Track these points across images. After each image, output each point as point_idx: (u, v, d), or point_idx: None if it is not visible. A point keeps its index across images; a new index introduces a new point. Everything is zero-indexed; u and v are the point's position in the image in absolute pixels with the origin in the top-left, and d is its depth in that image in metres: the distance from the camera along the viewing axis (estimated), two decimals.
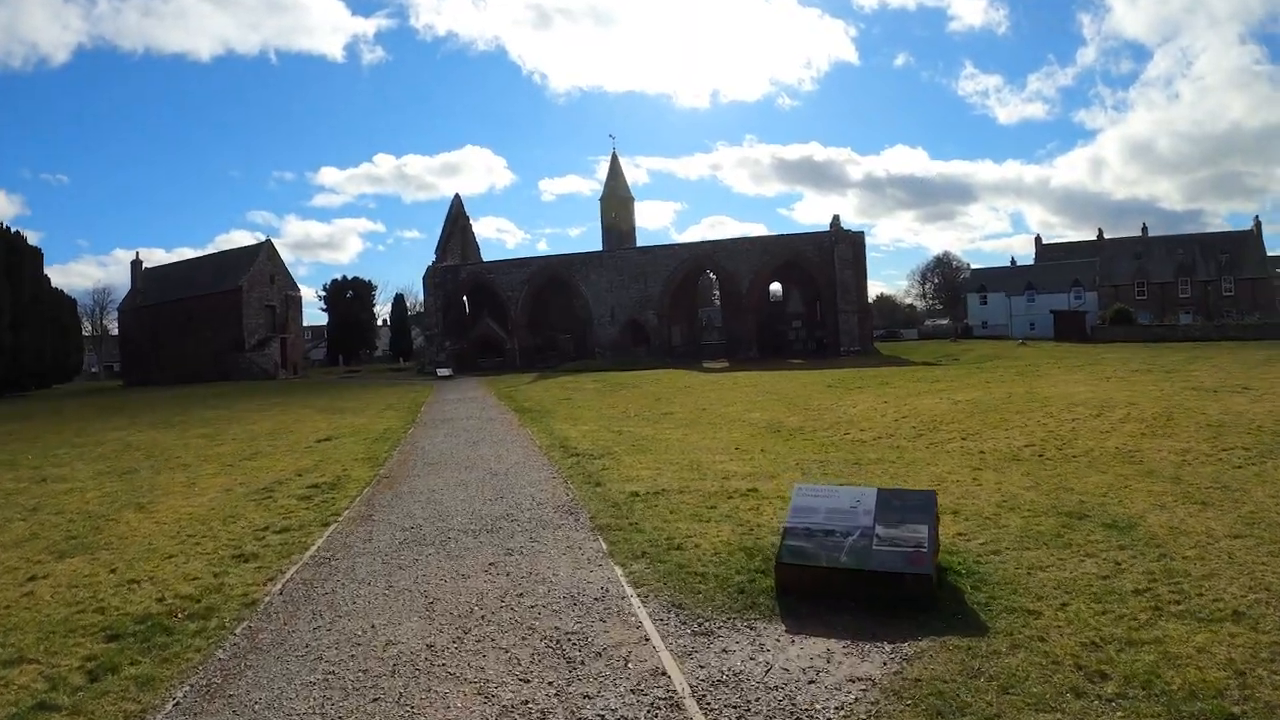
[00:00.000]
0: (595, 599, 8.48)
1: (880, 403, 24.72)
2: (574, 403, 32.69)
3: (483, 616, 8.14)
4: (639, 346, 67.49)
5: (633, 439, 20.26)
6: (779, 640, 7.23)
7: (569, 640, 7.37)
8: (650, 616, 7.89)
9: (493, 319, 73.76)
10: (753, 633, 7.41)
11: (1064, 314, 65.65)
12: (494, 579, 9.32)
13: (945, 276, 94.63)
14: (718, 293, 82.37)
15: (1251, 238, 68.10)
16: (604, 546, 10.43)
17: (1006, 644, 6.80)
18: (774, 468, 15.00)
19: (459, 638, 7.59)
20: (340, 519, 12.75)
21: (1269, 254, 68.50)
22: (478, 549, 10.61)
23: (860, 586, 7.74)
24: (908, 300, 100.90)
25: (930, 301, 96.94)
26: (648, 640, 7.32)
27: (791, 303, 73.28)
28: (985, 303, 76.09)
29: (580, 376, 49.40)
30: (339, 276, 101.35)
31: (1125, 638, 6.73)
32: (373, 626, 8.03)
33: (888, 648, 6.90)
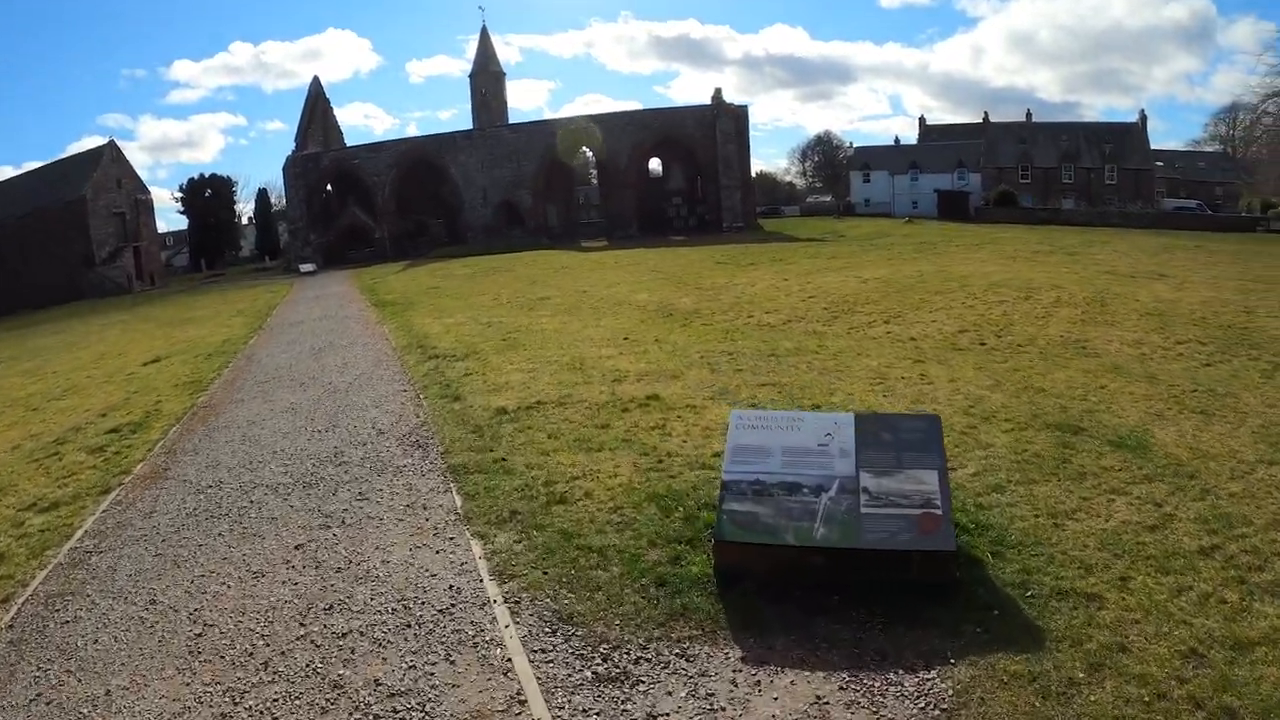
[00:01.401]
0: (441, 611, 5.50)
1: (780, 280, 22.44)
2: (441, 291, 28.94)
3: (265, 663, 5.07)
4: (513, 228, 64.34)
5: (503, 332, 16.93)
6: (735, 681, 4.53)
7: (394, 717, 4.42)
8: (525, 646, 5.00)
9: (360, 208, 68.89)
10: (690, 668, 4.68)
11: (948, 194, 65.70)
12: (297, 578, 6.19)
13: (826, 155, 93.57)
14: (595, 171, 78.64)
15: (1136, 130, 69.94)
16: (458, 503, 7.36)
17: (1082, 663, 4.39)
18: (674, 363, 12.18)
19: (224, 715, 4.56)
20: (128, 479, 9.10)
21: (1152, 148, 70.72)
22: (285, 519, 7.37)
23: (847, 571, 5.09)
24: (788, 178, 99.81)
25: (811, 179, 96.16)
26: (524, 703, 4.44)
27: (672, 179, 70.74)
28: (868, 181, 75.53)
29: (451, 263, 45.85)
30: (196, 175, 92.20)
31: (1228, 637, 4.52)
32: (107, 693, 4.92)
33: (911, 685, 4.35)
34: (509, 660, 4.90)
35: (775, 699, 4.39)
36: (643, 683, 4.61)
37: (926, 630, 4.82)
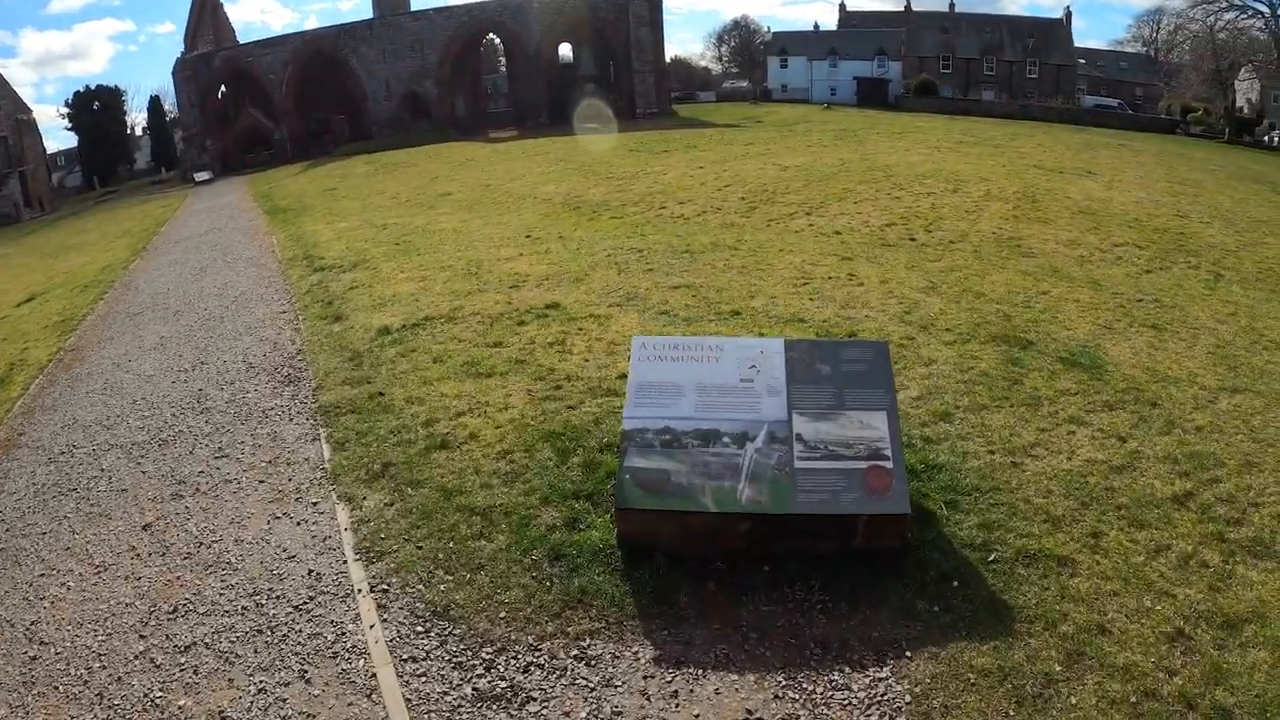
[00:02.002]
0: (297, 609, 4.41)
1: (695, 169, 20.96)
2: (338, 193, 26.38)
3: (100, 695, 3.97)
4: (420, 121, 60.37)
5: (398, 235, 15.12)
6: (646, 693, 3.58)
7: None
8: (394, 654, 3.97)
9: (258, 109, 63.21)
10: (592, 676, 3.70)
11: (868, 81, 63.67)
12: (142, 569, 4.98)
13: (743, 40, 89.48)
14: (504, 59, 74.21)
15: (1060, 26, 68.79)
16: (325, 455, 6.08)
17: (1058, 652, 3.61)
18: (579, 264, 10.82)
19: None
20: None
21: (1075, 45, 70.00)
22: (136, 489, 6.01)
23: (779, 541, 4.10)
24: (704, 63, 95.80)
25: (727, 65, 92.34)
26: None
27: (583, 65, 66.87)
28: (785, 66, 72.72)
29: (353, 160, 42.58)
30: (81, 88, 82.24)
31: (1214, 613, 3.85)
32: None
33: (860, 688, 3.49)
34: (374, 676, 3.85)
35: (696, 716, 3.45)
36: (533, 700, 3.61)
37: (875, 610, 3.93)
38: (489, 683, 3.76)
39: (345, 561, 4.80)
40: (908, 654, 3.65)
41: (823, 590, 4.08)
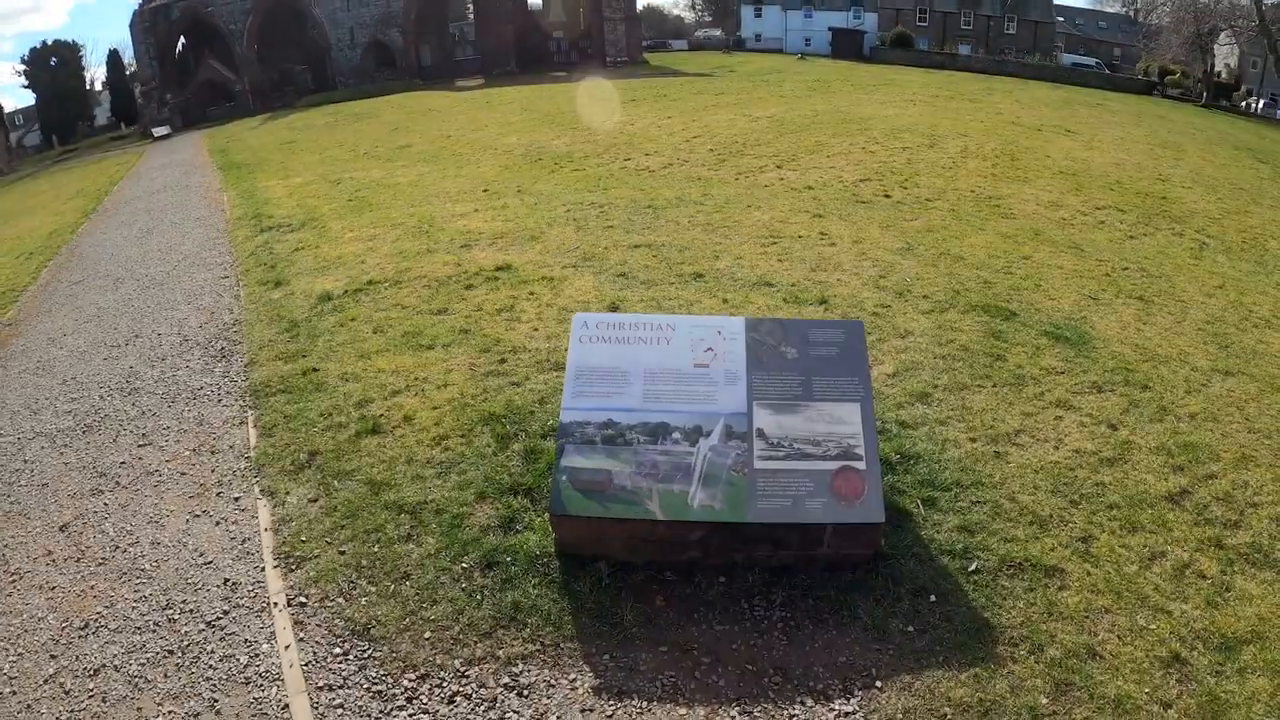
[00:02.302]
0: (210, 624, 3.89)
1: (663, 119, 20.06)
2: (296, 147, 25.09)
3: None
4: (384, 70, 58.22)
5: (352, 191, 14.23)
6: None
7: None
8: (309, 680, 3.48)
9: (218, 60, 60.68)
10: (525, 709, 3.21)
11: (842, 32, 61.77)
12: (56, 577, 4.39)
13: None
14: (471, 6, 71.74)
15: None
16: (252, 441, 5.48)
17: (1045, 681, 3.16)
18: (535, 220, 10.11)
19: None
20: None
21: (1054, 2, 68.66)
22: (58, 484, 5.34)
23: (736, 549, 3.60)
24: (676, 11, 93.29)
25: (700, 13, 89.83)
26: None
27: (553, 11, 64.72)
28: (760, 16, 70.65)
29: (314, 112, 40.80)
30: (38, 43, 78.15)
31: (1212, 632, 3.43)
32: None
33: None
34: (286, 708, 3.32)
35: None
36: None
37: (843, 630, 3.45)
38: (410, 716, 3.27)
39: (263, 568, 4.27)
40: (878, 684, 3.18)
41: (785, 606, 3.59)
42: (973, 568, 3.75)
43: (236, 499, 4.92)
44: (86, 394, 6.75)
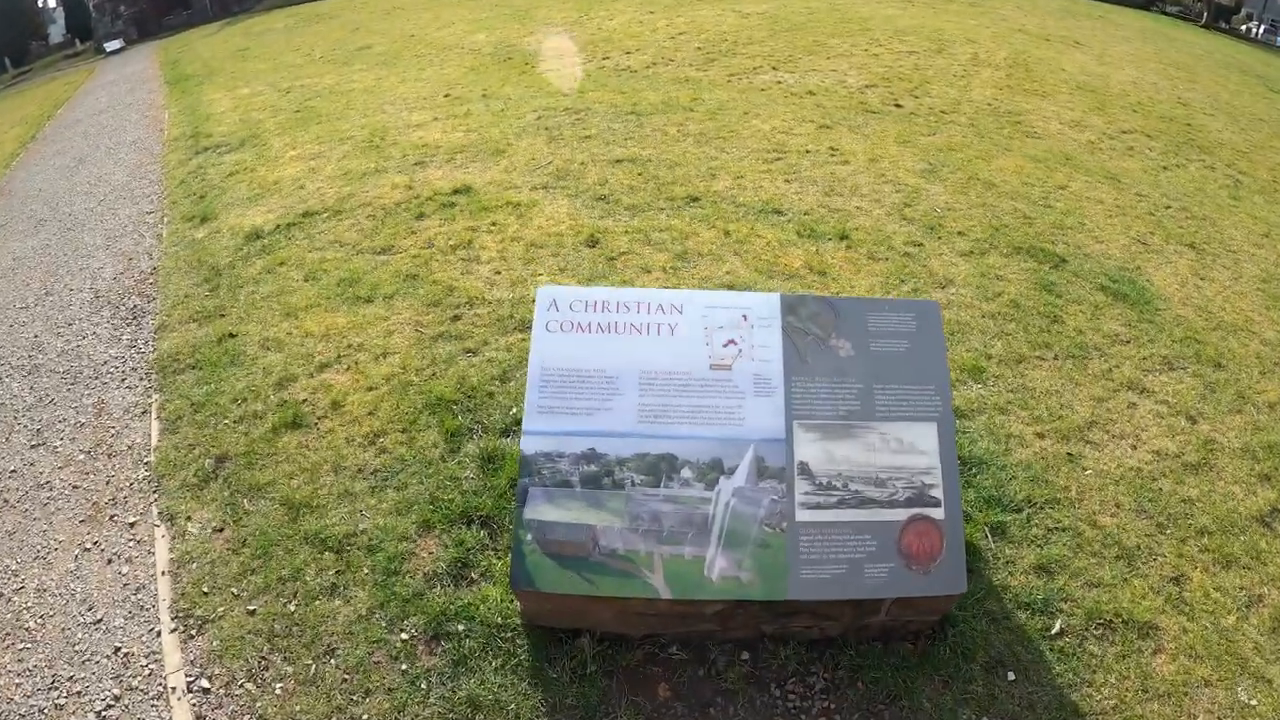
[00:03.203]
0: (100, 716, 2.83)
1: (645, 13, 17.93)
2: (250, 54, 22.37)
3: None
4: None
5: (301, 100, 12.37)
6: None
7: None
8: None
9: None
10: None
11: None
12: None
13: None
14: None
15: None
16: (153, 439, 4.25)
17: None
18: (501, 130, 8.55)
19: None
20: None
21: None
22: None
23: (761, 623, 2.57)
24: None
25: None
26: None
27: None
28: None
29: (276, 14, 37.02)
30: None
31: None
32: None
33: None
34: None
35: None
36: None
37: None
38: None
39: (159, 633, 3.19)
40: None
41: (827, 694, 2.59)
42: (1055, 629, 2.78)
43: (131, 525, 3.76)
44: None
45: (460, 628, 2.94)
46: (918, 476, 2.49)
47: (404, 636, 2.98)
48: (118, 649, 3.16)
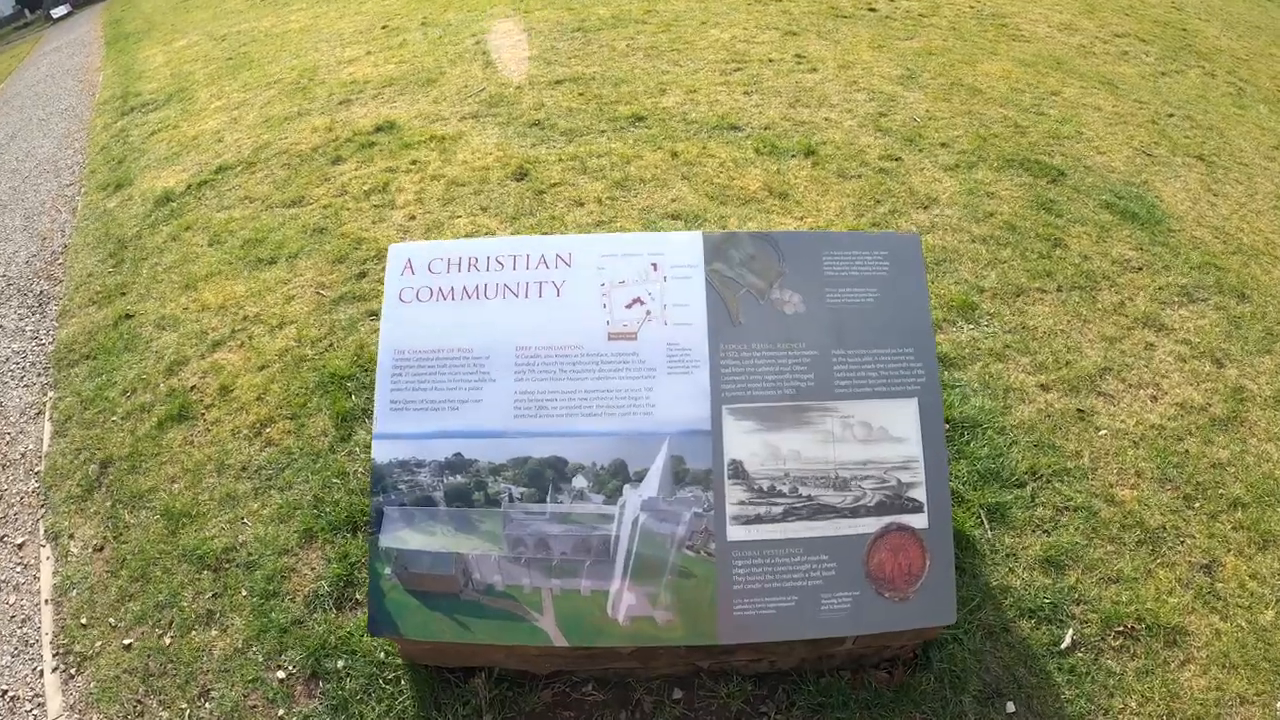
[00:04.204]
0: None
1: None
2: (192, 3, 20.95)
3: None
4: None
5: (235, 47, 11.24)
6: None
7: None
8: None
9: None
10: None
11: None
12: None
13: None
14: None
15: None
16: (45, 444, 3.60)
17: None
18: (436, 58, 7.50)
19: None
20: None
21: None
22: None
23: (694, 658, 1.92)
24: None
25: None
26: None
27: None
28: None
29: None
30: None
31: None
32: None
33: None
34: None
35: None
36: None
37: None
38: None
39: (42, 672, 2.63)
40: None
41: None
42: (1066, 642, 2.15)
43: (20, 546, 3.15)
44: None
45: (340, 664, 2.34)
46: (893, 473, 1.80)
47: (281, 675, 2.39)
48: (4, 691, 2.62)
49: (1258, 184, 5.05)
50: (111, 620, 2.74)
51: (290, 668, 2.41)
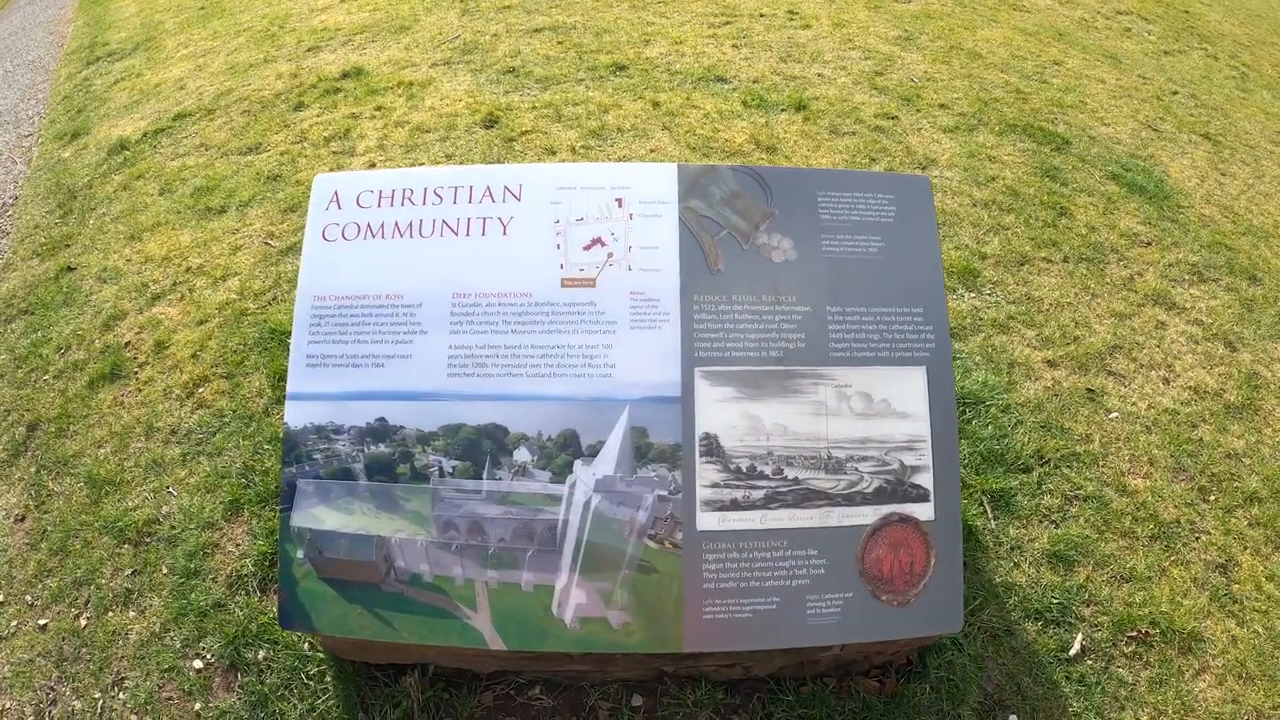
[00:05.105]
0: None
1: None
2: None
3: None
4: None
5: None
6: None
7: None
8: None
9: None
10: None
11: None
12: None
13: None
14: None
15: None
16: None
17: None
18: (410, 6, 6.87)
19: None
20: None
21: None
22: None
23: (656, 662, 1.62)
24: None
25: None
26: None
27: None
28: None
29: None
30: None
31: None
32: None
33: None
34: None
35: None
36: None
37: None
38: None
39: None
40: None
41: None
42: (1075, 648, 1.86)
43: None
44: None
45: (261, 655, 2.02)
46: (895, 453, 1.49)
47: (198, 665, 2.07)
48: None
49: (1265, 166, 4.74)
50: (28, 597, 2.40)
51: (208, 656, 2.09)
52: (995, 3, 7.45)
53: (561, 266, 1.55)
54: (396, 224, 1.64)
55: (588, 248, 1.55)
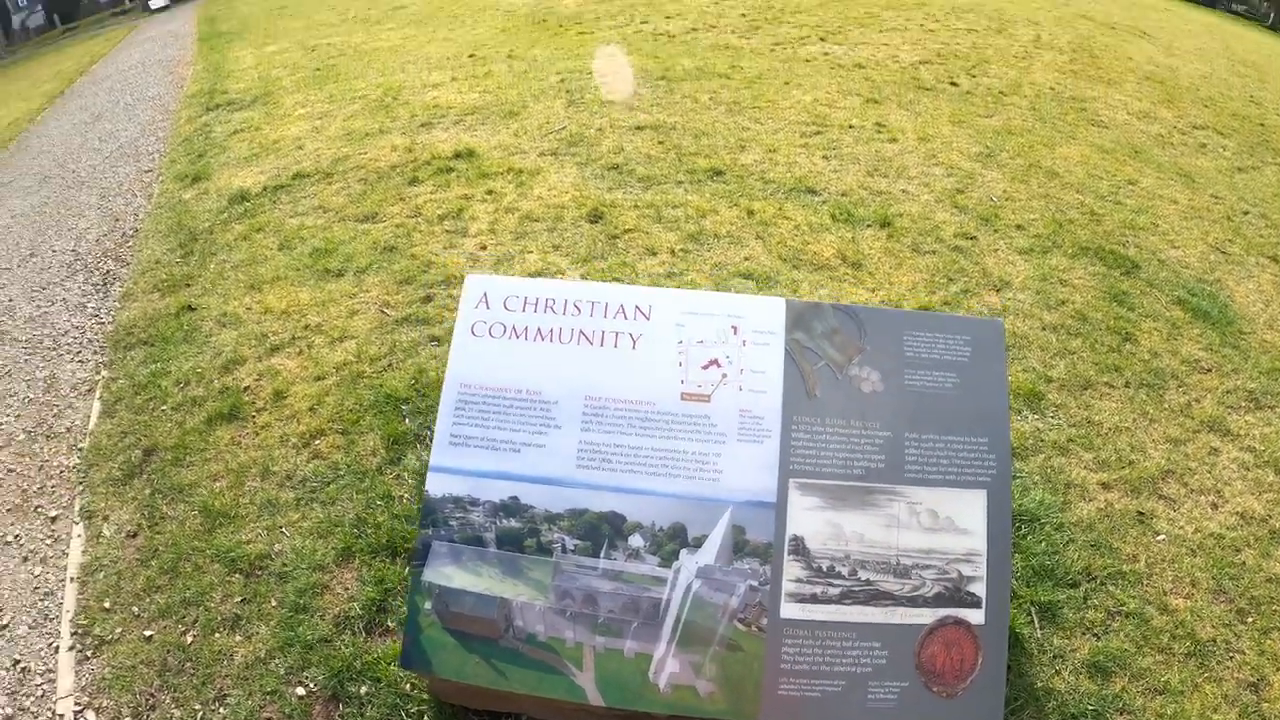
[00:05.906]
0: None
1: None
2: (287, 11, 21.81)
3: None
4: None
5: (324, 59, 11.81)
6: None
7: None
8: None
9: None
10: None
11: None
12: None
13: None
14: None
15: None
16: (91, 422, 3.78)
17: None
18: (519, 91, 7.78)
19: None
20: None
21: None
22: None
23: None
24: None
25: None
26: None
27: None
28: None
29: None
30: None
31: None
32: None
33: None
34: None
35: None
36: None
37: None
38: None
39: (58, 649, 2.72)
40: None
41: None
42: None
43: (53, 519, 3.27)
44: None
45: (363, 690, 2.34)
46: (955, 564, 1.77)
47: (300, 692, 2.40)
48: (16, 662, 2.70)
49: None
50: (135, 609, 2.78)
51: (311, 685, 2.41)
52: (1074, 118, 7.85)
53: (682, 382, 1.91)
54: (539, 328, 2.03)
55: (705, 367, 1.92)
